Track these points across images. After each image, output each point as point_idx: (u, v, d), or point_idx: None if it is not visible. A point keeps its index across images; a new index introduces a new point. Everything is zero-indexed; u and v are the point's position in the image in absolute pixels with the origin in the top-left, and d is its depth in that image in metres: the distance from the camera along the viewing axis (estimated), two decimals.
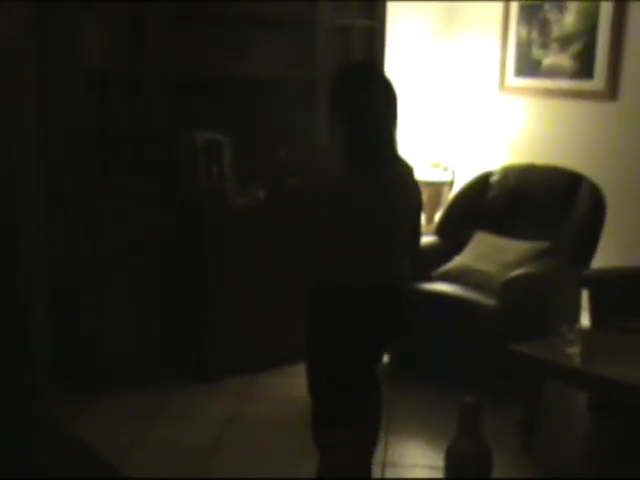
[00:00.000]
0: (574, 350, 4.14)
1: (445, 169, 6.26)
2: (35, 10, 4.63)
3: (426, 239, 5.57)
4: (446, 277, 5.15)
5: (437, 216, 6.01)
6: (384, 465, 4.02)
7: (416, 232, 3.48)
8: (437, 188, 6.22)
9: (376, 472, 3.83)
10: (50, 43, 4.65)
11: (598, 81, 5.66)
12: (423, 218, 6.19)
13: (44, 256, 4.83)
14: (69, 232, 4.72)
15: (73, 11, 4.54)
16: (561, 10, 5.84)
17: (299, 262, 3.69)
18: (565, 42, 5.83)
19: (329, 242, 3.22)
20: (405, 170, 3.31)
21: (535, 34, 6.00)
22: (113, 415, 4.52)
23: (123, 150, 4.77)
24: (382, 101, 3.17)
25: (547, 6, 5.91)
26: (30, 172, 4.77)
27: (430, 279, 5.16)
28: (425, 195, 6.18)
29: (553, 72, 5.93)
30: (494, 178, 5.57)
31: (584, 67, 5.73)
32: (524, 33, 6.06)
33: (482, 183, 5.60)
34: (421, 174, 6.20)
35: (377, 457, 3.98)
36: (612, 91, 5.60)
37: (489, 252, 5.13)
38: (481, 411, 3.06)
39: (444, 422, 4.21)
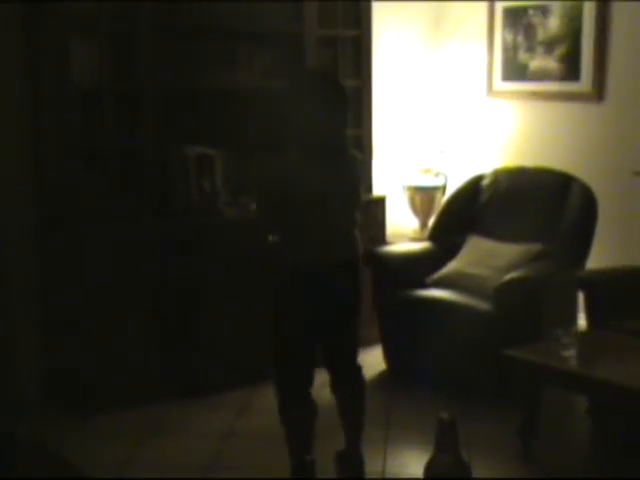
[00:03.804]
0: (571, 353, 4.08)
1: (437, 175, 6.26)
2: (25, 31, 4.67)
3: (420, 245, 5.60)
4: (440, 283, 5.15)
5: (430, 222, 6.01)
6: (383, 475, 3.99)
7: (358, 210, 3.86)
8: (429, 194, 6.23)
9: None
10: (41, 63, 4.69)
11: (585, 83, 5.68)
12: (417, 223, 6.25)
13: (36, 273, 4.87)
14: (60, 250, 4.72)
15: (62, 31, 4.56)
16: (545, 13, 5.86)
17: None
18: (550, 45, 5.85)
19: (286, 229, 3.61)
20: (351, 160, 3.74)
21: (520, 38, 6.02)
22: (108, 432, 4.49)
23: (112, 167, 4.77)
24: (331, 106, 3.58)
25: (531, 10, 5.93)
26: (21, 191, 4.81)
27: (424, 285, 5.16)
28: (418, 201, 6.24)
29: (540, 75, 5.94)
30: (485, 182, 5.57)
31: (570, 69, 5.75)
32: (510, 38, 6.07)
33: (473, 187, 5.60)
34: (413, 180, 6.25)
35: (376, 467, 4.01)
36: (599, 92, 5.61)
37: (483, 256, 5.13)
38: (457, 426, 3.04)
39: None
